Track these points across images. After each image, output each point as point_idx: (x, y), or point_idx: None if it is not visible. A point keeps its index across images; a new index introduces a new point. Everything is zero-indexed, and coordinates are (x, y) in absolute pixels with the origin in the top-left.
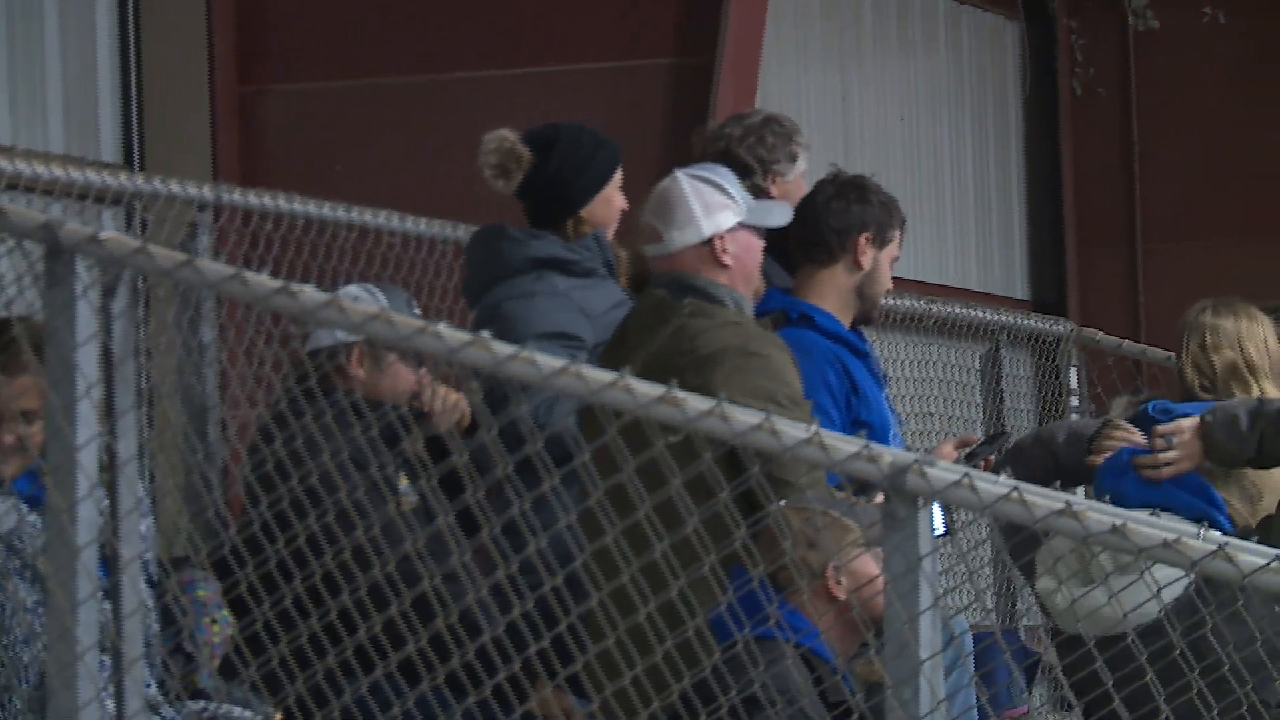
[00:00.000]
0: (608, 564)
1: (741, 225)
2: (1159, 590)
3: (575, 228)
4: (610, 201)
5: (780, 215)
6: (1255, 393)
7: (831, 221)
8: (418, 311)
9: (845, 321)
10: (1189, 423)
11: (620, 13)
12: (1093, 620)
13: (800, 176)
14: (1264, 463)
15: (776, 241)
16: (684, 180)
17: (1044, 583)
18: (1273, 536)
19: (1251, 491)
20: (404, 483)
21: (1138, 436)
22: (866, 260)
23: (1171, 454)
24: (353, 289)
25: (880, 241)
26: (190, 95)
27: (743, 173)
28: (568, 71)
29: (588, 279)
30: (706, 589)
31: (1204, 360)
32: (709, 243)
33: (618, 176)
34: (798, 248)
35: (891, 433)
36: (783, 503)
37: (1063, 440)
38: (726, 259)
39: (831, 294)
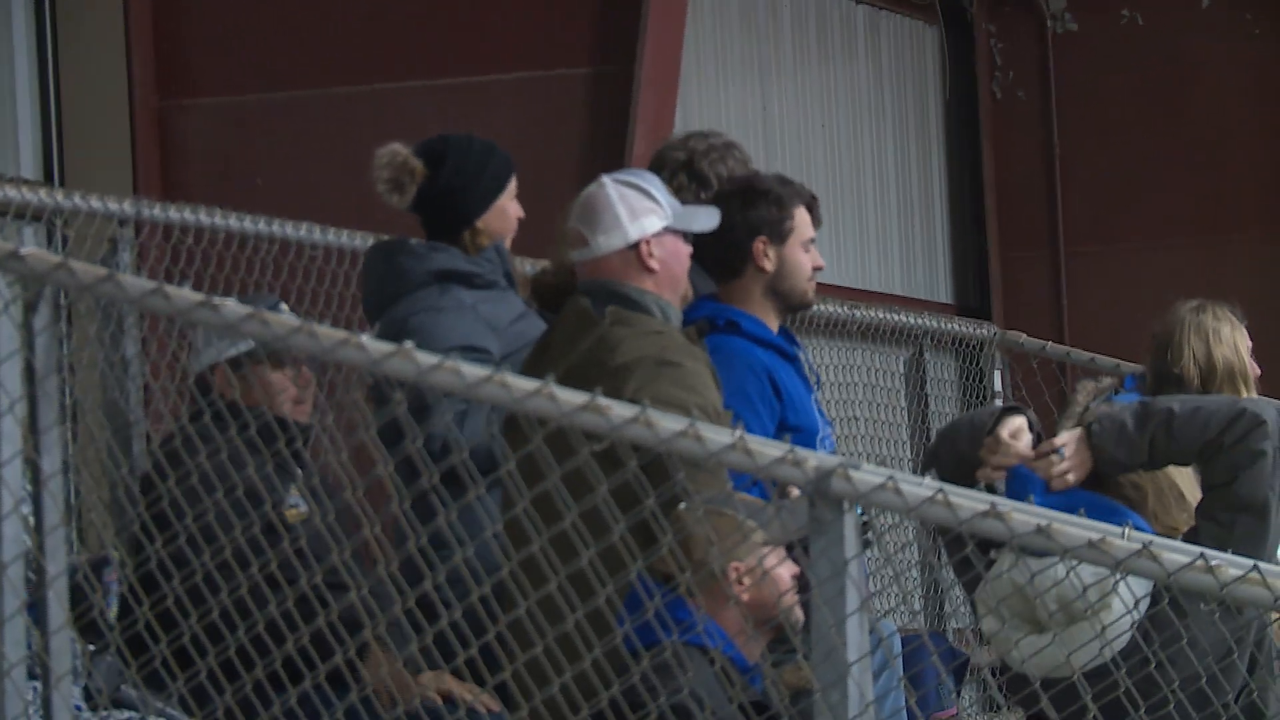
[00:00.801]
0: (534, 572)
1: (668, 230)
2: (1109, 637)
3: (473, 239)
4: (506, 212)
5: (706, 220)
6: (1245, 396)
7: (722, 238)
8: (285, 310)
9: (773, 324)
10: (1071, 435)
11: (538, 23)
12: (1041, 663)
13: None
14: (1155, 466)
15: (699, 248)
16: (610, 185)
17: (989, 624)
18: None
19: (1169, 494)
20: (294, 494)
21: (1020, 446)
22: (769, 263)
23: (1064, 465)
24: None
25: (778, 238)
26: (109, 110)
27: (702, 185)
28: (486, 82)
29: (490, 291)
30: (619, 595)
31: (1205, 359)
32: (635, 247)
33: (512, 186)
34: (707, 269)
35: (820, 436)
36: (689, 505)
37: (964, 434)
38: (653, 263)
39: (749, 301)
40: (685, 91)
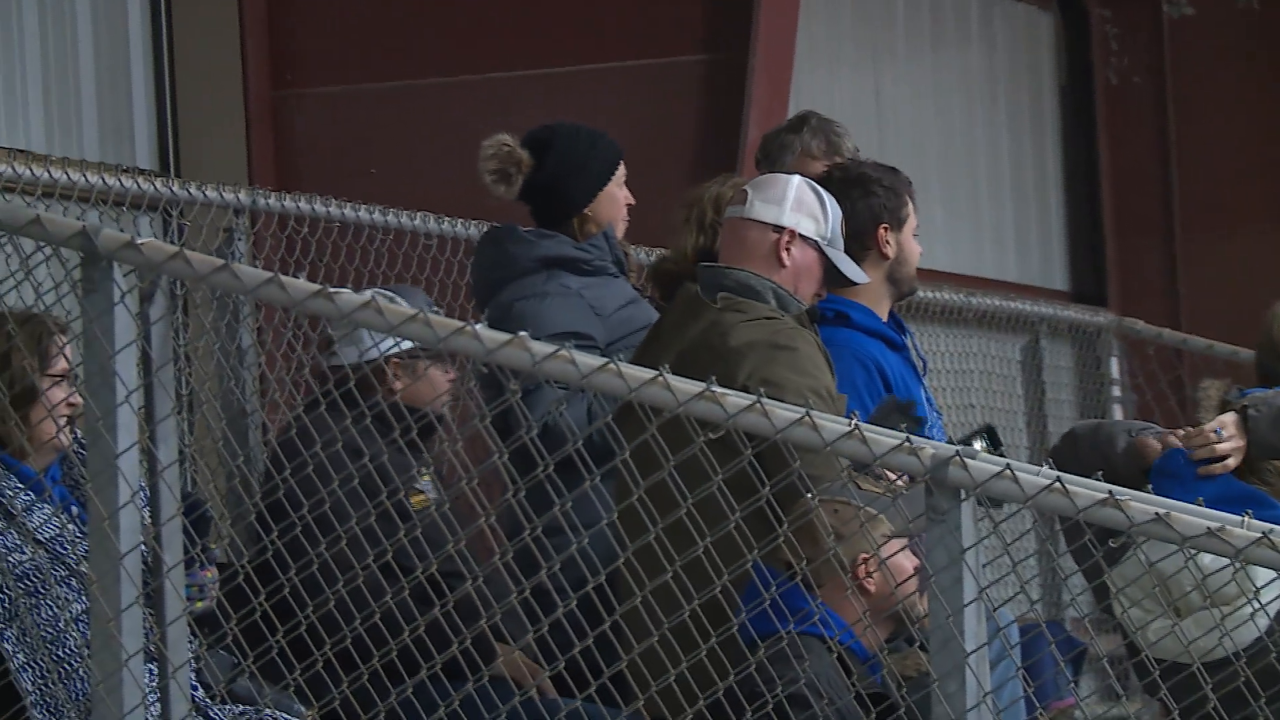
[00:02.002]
0: (647, 561)
1: (817, 246)
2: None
3: (581, 226)
4: (615, 198)
5: (852, 273)
6: None
7: (844, 227)
8: (439, 312)
9: (883, 312)
10: (1229, 417)
11: (651, 10)
12: (1184, 650)
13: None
14: None
15: None
16: (799, 179)
17: (1134, 613)
18: None
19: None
20: (425, 479)
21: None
22: (890, 249)
23: (1225, 445)
24: (365, 295)
25: (897, 225)
26: (224, 100)
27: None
28: (599, 70)
29: (598, 277)
30: (735, 584)
31: None
32: (779, 231)
33: (620, 173)
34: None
35: (929, 424)
36: (813, 495)
37: (1121, 449)
38: (785, 257)
39: (866, 290)
40: (798, 78)
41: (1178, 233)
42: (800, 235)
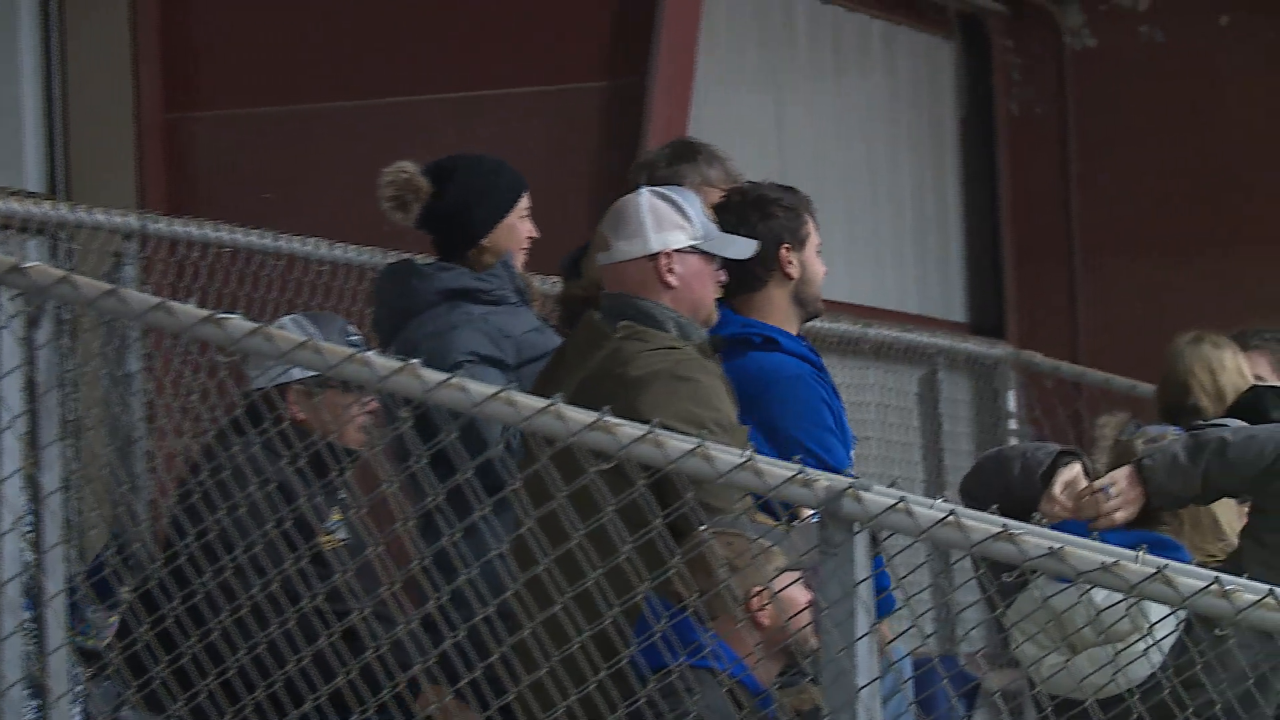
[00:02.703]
0: (542, 594)
1: (695, 250)
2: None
3: (479, 257)
4: (514, 230)
5: (742, 248)
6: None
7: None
8: (356, 338)
9: (795, 334)
10: (1122, 472)
11: (552, 36)
12: (1076, 687)
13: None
14: (1208, 498)
15: None
16: (644, 195)
17: (1026, 650)
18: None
19: (1206, 524)
20: (335, 518)
21: (1080, 484)
22: (794, 269)
23: (1114, 502)
24: (285, 320)
25: (798, 244)
26: (116, 122)
27: None
28: (498, 96)
29: (501, 306)
30: (629, 617)
31: (1214, 389)
32: (654, 259)
33: (522, 204)
34: (726, 282)
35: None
36: (705, 528)
37: (1017, 472)
38: (671, 279)
39: (774, 312)
40: (698, 103)
41: (1078, 264)
42: (675, 251)
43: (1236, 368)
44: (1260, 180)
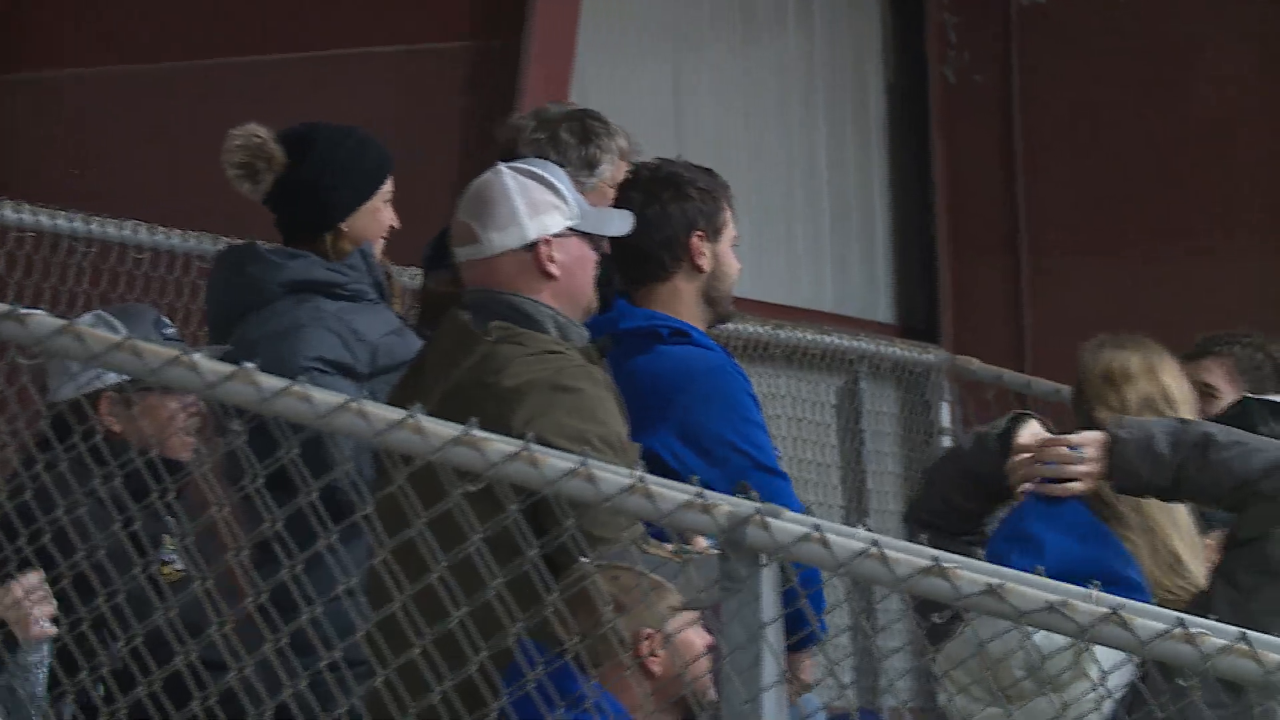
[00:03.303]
0: (396, 635)
1: (573, 232)
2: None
3: (335, 243)
4: (377, 214)
5: (620, 224)
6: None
7: (653, 234)
8: (171, 331)
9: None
10: (1092, 435)
11: None
12: None
13: (605, 185)
14: (1175, 495)
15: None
16: (507, 174)
17: (957, 703)
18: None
19: (1164, 556)
20: (169, 546)
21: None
22: (706, 261)
23: (1084, 466)
24: (86, 317)
25: (713, 234)
26: None
27: None
28: (353, 56)
29: (357, 303)
30: (498, 663)
31: (1115, 398)
32: (532, 249)
33: (387, 187)
34: (623, 269)
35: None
36: (588, 560)
37: (969, 446)
38: (552, 268)
39: (680, 307)
40: (581, 69)
41: (1023, 256)
42: (554, 236)
43: (1147, 370)
44: (1235, 161)
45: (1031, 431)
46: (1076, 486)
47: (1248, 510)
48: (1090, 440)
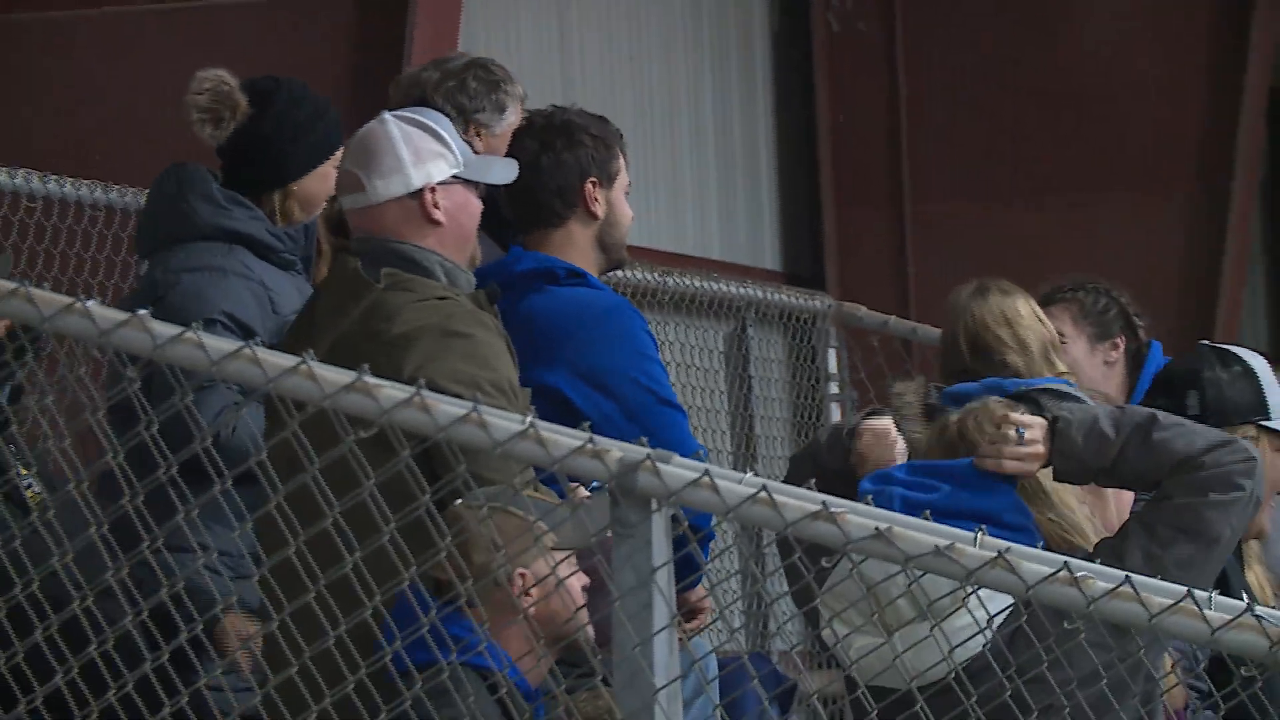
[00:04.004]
0: (290, 579)
1: (457, 179)
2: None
3: (283, 203)
4: (327, 179)
5: (502, 171)
6: (1060, 369)
7: (547, 180)
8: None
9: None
10: (1036, 421)
11: None
12: (894, 672)
13: (510, 130)
14: (1115, 476)
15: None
16: (391, 123)
17: (834, 629)
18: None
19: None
20: (25, 472)
21: (892, 436)
22: (600, 207)
23: (1025, 450)
24: None
25: (607, 180)
26: None
27: None
28: (231, 4)
29: (282, 271)
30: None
31: (1016, 341)
32: (418, 195)
33: (340, 153)
34: (517, 215)
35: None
36: (459, 502)
37: (825, 441)
38: (437, 215)
39: (574, 252)
40: (469, 18)
41: (908, 204)
42: (439, 184)
43: (1032, 314)
44: (1120, 110)
45: (878, 425)
46: (1014, 466)
47: (1184, 478)
48: (1035, 424)
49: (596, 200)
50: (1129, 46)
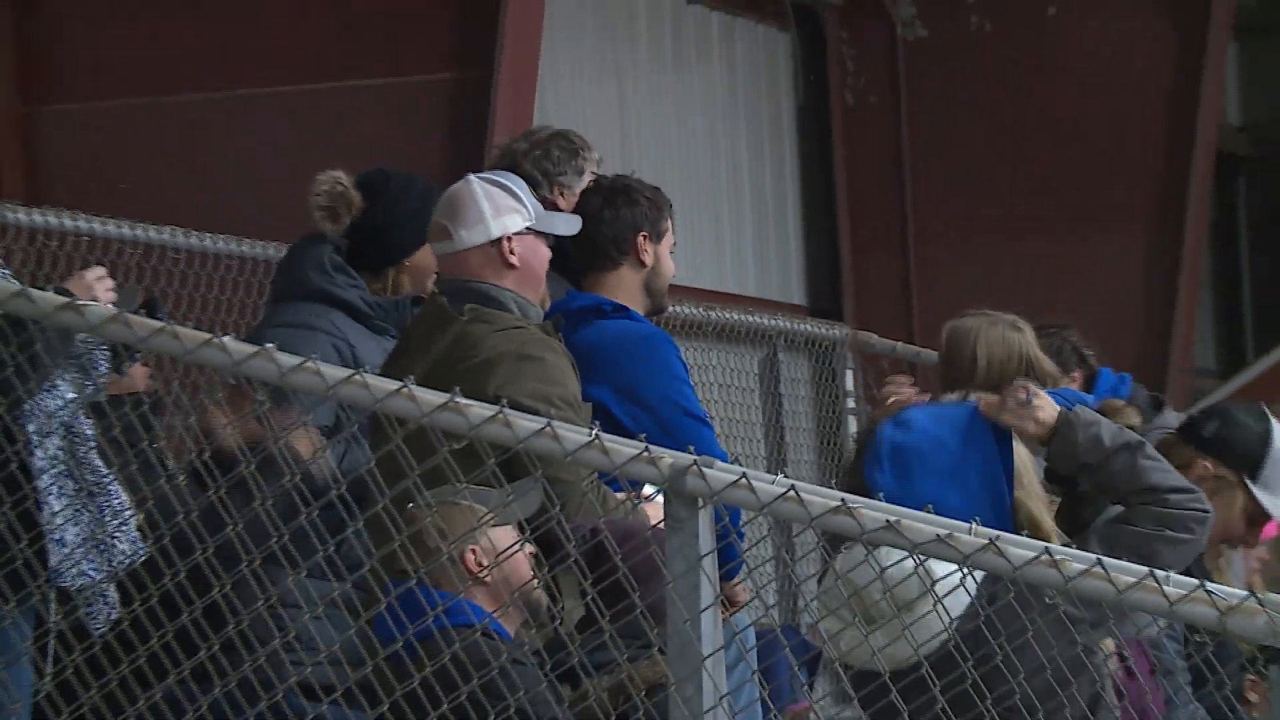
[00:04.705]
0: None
1: (529, 230)
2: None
3: (396, 276)
4: (430, 258)
5: (566, 225)
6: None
7: (606, 231)
8: (164, 312)
9: None
10: (1050, 400)
11: (399, 28)
12: (879, 657)
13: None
14: (1091, 479)
15: (555, 254)
16: (475, 183)
17: (827, 624)
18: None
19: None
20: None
21: (907, 390)
22: (648, 257)
23: (1027, 411)
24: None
25: (656, 236)
26: None
27: (530, 185)
28: (347, 88)
29: (370, 332)
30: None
31: (995, 363)
32: (496, 243)
33: None
34: (580, 258)
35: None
36: (411, 506)
37: (854, 457)
38: (513, 259)
39: (624, 293)
40: (543, 94)
41: (911, 248)
42: (515, 234)
43: (1020, 349)
44: (1086, 166)
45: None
46: (1029, 429)
47: (1145, 509)
48: (1047, 402)
49: (646, 251)
50: (1096, 109)
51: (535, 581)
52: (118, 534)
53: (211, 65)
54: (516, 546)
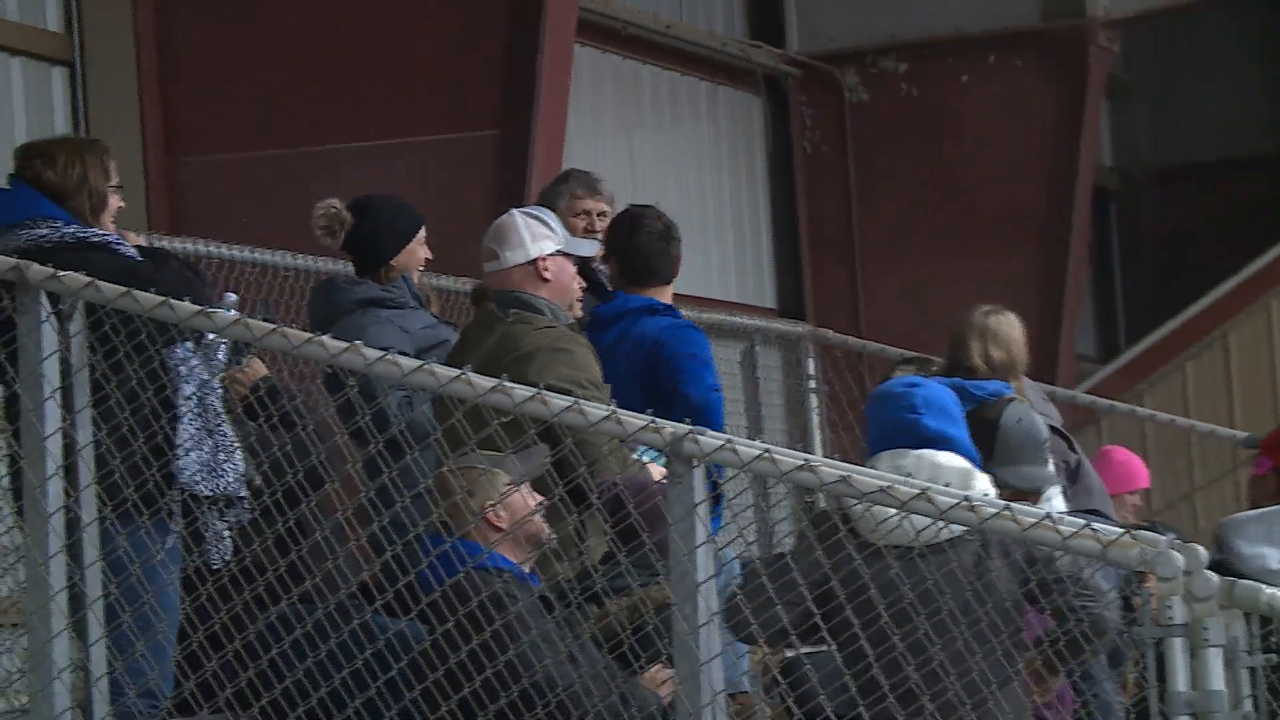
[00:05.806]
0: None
1: (560, 252)
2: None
3: (386, 273)
4: (414, 253)
5: (588, 249)
6: (1017, 384)
7: (663, 260)
8: (232, 299)
9: None
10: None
11: (452, 92)
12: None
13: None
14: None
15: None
16: (517, 215)
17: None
18: None
19: None
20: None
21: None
22: (677, 274)
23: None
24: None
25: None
26: (128, 163)
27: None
28: (413, 143)
29: (402, 310)
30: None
31: (985, 356)
32: (533, 263)
33: (421, 234)
34: (641, 273)
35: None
36: (444, 468)
37: None
38: (547, 275)
39: (666, 299)
40: (568, 148)
41: (858, 264)
42: (548, 255)
43: (1008, 341)
44: (993, 199)
45: None
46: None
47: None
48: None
49: (676, 276)
50: (999, 155)
51: (541, 523)
52: (225, 465)
53: (306, 125)
54: (544, 501)
